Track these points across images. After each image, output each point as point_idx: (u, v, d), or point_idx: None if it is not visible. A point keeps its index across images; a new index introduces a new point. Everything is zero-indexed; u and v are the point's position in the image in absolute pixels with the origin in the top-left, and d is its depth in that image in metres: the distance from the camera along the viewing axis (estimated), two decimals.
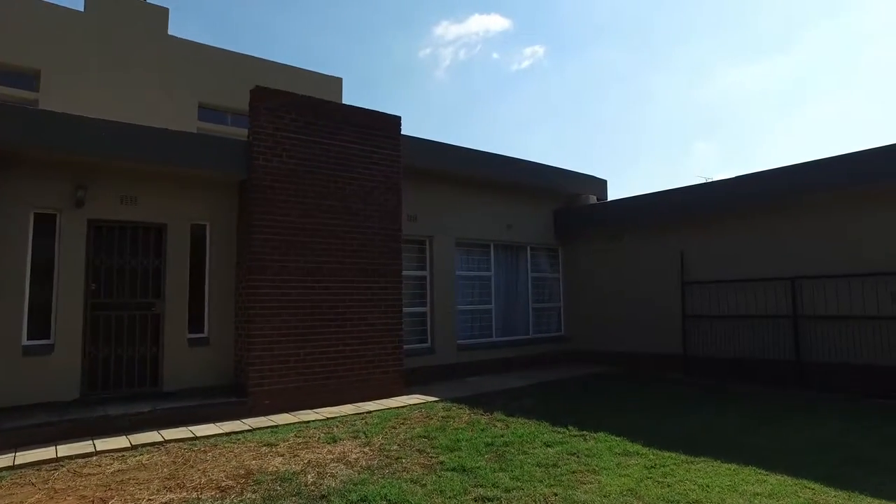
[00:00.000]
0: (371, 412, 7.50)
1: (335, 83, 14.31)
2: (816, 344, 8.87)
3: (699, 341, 10.30)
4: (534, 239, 12.29)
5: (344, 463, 5.31)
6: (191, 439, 6.17)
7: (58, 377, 6.89)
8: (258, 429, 6.67)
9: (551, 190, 12.47)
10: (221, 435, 6.37)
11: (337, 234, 8.31)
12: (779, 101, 41.94)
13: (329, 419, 7.16)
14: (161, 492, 4.59)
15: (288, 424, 6.88)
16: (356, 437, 6.23)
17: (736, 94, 39.56)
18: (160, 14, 12.25)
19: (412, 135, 9.62)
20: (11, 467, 5.19)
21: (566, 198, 12.91)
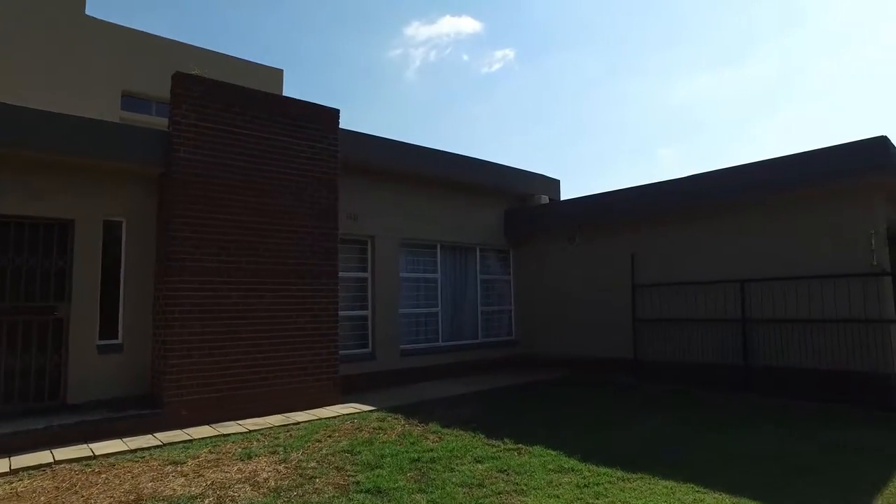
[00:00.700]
0: (299, 423, 6.99)
1: (276, 74, 13.66)
2: (763, 348, 8.74)
3: (650, 345, 10.08)
4: (484, 240, 11.90)
5: (251, 484, 4.80)
6: (87, 458, 5.54)
7: None
8: (170, 444, 6.09)
9: (502, 190, 12.12)
10: (125, 452, 5.77)
11: (266, 233, 7.75)
12: (746, 108, 42.86)
13: (251, 432, 6.62)
14: None
15: (204, 438, 6.31)
16: (274, 453, 5.71)
17: (705, 99, 40.24)
18: None
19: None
20: None
21: (518, 198, 12.57)
